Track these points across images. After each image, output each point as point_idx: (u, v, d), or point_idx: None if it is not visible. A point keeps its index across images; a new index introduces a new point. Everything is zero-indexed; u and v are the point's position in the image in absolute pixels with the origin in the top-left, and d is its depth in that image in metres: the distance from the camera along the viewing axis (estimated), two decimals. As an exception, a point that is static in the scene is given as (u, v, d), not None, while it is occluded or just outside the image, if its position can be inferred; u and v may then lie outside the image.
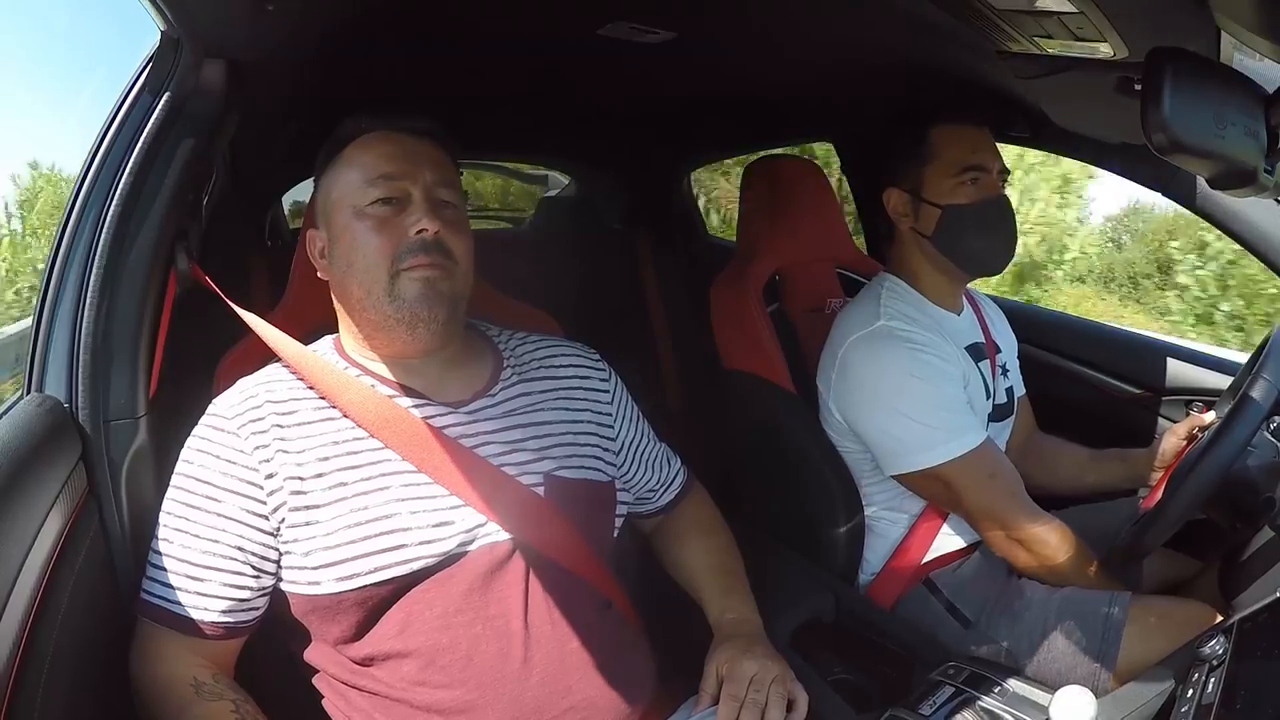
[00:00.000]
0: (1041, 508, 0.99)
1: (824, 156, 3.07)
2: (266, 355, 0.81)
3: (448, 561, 0.72)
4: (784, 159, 1.38)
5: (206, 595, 0.71)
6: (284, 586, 0.73)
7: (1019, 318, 1.30)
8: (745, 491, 1.26)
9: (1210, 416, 1.04)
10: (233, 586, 0.72)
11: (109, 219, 0.75)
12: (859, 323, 1.05)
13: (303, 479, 0.72)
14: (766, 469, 1.20)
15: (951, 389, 1.01)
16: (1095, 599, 0.93)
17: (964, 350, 1.07)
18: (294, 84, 1.02)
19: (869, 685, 0.94)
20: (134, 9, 0.73)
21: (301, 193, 1.69)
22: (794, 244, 1.27)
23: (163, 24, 0.75)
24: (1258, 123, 0.53)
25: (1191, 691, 0.63)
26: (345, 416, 0.75)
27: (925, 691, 0.78)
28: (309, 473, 0.72)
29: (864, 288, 1.14)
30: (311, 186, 0.85)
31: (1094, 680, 0.88)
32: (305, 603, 0.72)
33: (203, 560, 0.71)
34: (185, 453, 0.75)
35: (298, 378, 0.78)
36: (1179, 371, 1.26)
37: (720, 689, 0.74)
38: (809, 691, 0.75)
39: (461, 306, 0.79)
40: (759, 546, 0.97)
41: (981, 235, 1.04)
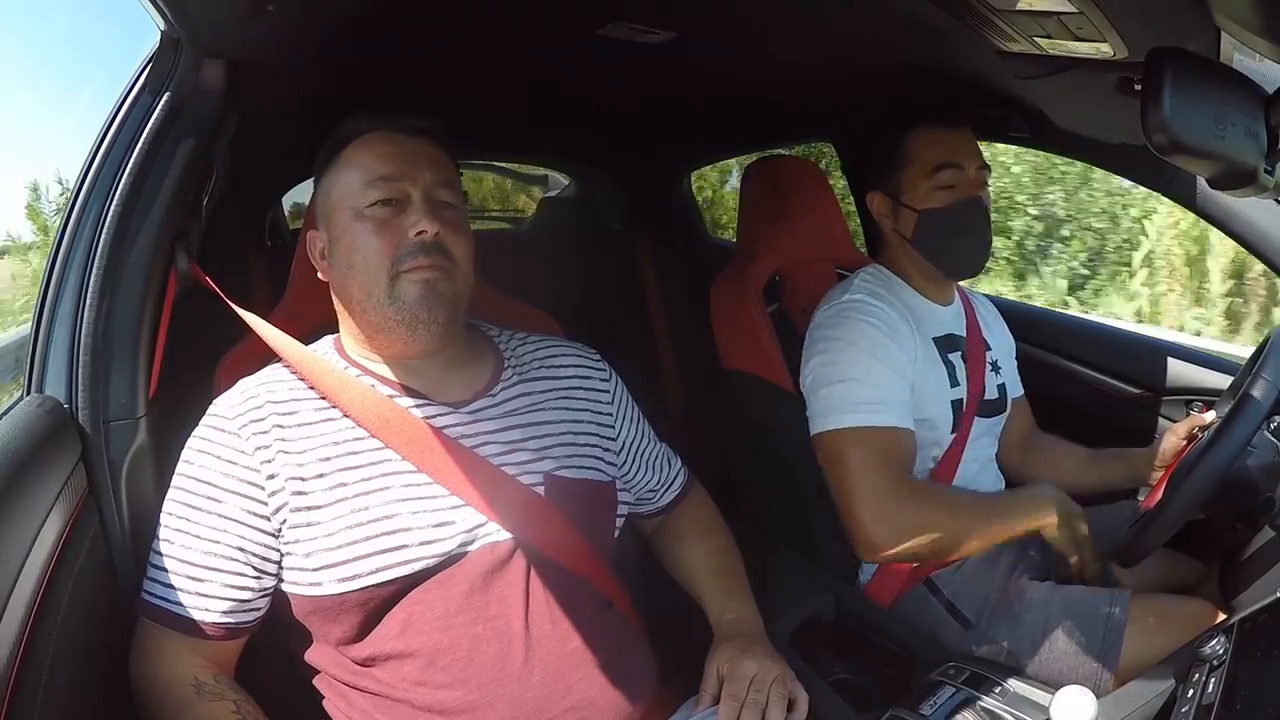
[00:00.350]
0: None
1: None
2: (267, 355, 0.81)
3: (448, 562, 0.72)
4: (784, 159, 1.38)
5: (207, 596, 0.71)
6: (285, 587, 0.73)
7: (1019, 318, 1.30)
8: (745, 491, 1.26)
9: (1210, 416, 1.04)
10: (234, 587, 0.72)
11: (109, 219, 0.75)
12: (830, 300, 1.08)
13: (304, 479, 0.72)
14: (766, 469, 1.19)
15: (884, 367, 0.99)
16: (1096, 599, 0.93)
17: (931, 340, 1.07)
18: (294, 84, 1.02)
19: (869, 685, 0.94)
20: (134, 9, 0.73)
21: (301, 193, 1.69)
22: (794, 244, 1.27)
23: (163, 24, 0.75)
24: (1258, 123, 0.53)
25: (1192, 691, 0.63)
26: (346, 417, 0.75)
27: (925, 691, 0.78)
28: (310, 473, 0.72)
29: None
30: (311, 187, 0.85)
31: (1095, 680, 0.88)
32: (306, 603, 0.72)
33: (204, 561, 0.71)
34: (186, 453, 0.75)
35: (298, 378, 0.78)
36: (1179, 371, 1.26)
37: (721, 689, 0.74)
38: (809, 691, 0.75)
39: (462, 307, 0.79)
40: (759, 546, 0.97)
41: (956, 238, 1.04)
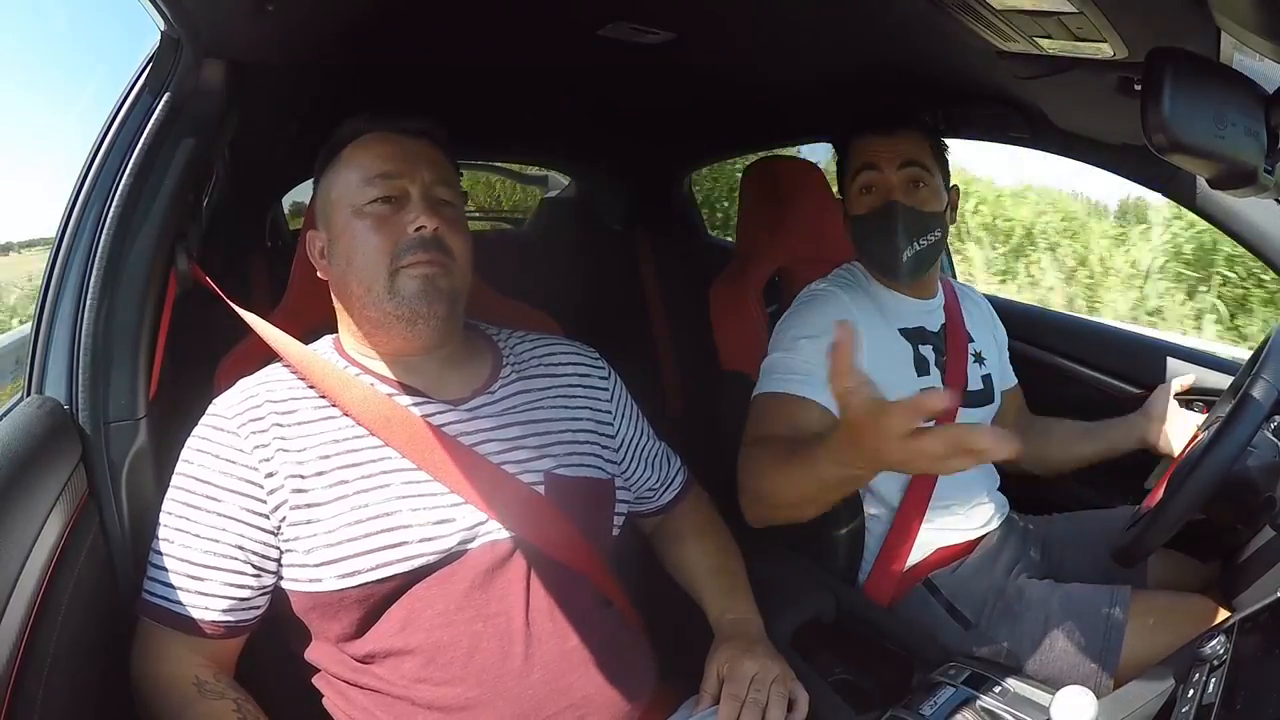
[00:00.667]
0: (1045, 503, 0.97)
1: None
2: (267, 355, 0.81)
3: (448, 559, 0.72)
4: (784, 159, 1.38)
5: (207, 594, 0.71)
6: (285, 584, 0.73)
7: (1018, 317, 1.29)
8: (745, 492, 1.26)
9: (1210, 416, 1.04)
10: (233, 586, 0.72)
11: (109, 219, 0.76)
12: (802, 291, 1.10)
13: (303, 478, 0.72)
14: (766, 469, 1.19)
15: (814, 344, 0.99)
16: (1097, 598, 0.93)
17: (897, 330, 1.07)
18: (294, 84, 1.02)
19: (869, 685, 0.94)
20: (134, 9, 0.74)
21: (302, 193, 1.68)
22: (794, 244, 1.27)
23: (163, 24, 0.75)
24: (1258, 123, 0.53)
25: (1192, 692, 0.63)
26: (345, 415, 0.75)
27: (925, 691, 0.77)
28: (309, 471, 0.72)
29: None
30: (311, 187, 0.85)
31: (1095, 680, 0.88)
32: (306, 600, 0.72)
33: (203, 560, 0.71)
34: (185, 453, 0.75)
35: (298, 377, 0.78)
36: (1179, 371, 1.26)
37: (721, 689, 0.74)
38: (809, 692, 0.75)
39: (460, 303, 0.79)
40: (759, 546, 0.97)
41: (873, 241, 1.06)
